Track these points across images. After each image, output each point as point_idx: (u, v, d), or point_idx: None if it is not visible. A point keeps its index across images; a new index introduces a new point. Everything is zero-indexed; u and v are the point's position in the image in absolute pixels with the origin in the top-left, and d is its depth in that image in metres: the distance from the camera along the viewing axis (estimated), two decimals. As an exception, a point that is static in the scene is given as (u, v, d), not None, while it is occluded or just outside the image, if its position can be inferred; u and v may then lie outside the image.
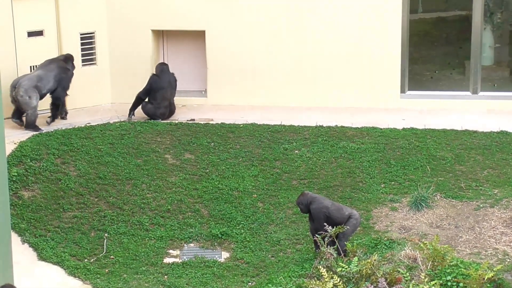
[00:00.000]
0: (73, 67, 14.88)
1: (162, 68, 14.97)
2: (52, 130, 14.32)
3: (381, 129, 14.58)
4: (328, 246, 10.32)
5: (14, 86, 14.38)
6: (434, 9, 16.12)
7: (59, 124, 14.64)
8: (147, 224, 12.56)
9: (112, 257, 11.92)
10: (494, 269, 9.54)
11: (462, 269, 9.62)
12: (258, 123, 14.85)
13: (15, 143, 13.69)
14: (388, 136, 14.36)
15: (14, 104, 14.43)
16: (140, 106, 14.98)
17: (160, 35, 16.08)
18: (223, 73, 15.67)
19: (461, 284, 9.42)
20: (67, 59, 14.80)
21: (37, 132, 14.19)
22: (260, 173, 13.56)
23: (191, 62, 16.10)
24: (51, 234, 12.21)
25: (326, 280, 9.22)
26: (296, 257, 11.72)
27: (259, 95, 15.67)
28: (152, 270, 11.60)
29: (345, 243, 10.55)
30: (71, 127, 14.52)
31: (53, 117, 14.76)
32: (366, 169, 13.55)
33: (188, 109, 15.62)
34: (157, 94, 14.82)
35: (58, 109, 14.80)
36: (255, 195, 13.12)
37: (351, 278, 9.46)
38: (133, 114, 14.98)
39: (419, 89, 15.71)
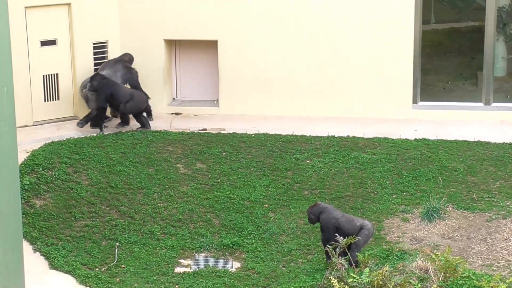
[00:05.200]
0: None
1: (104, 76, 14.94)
2: (64, 139, 14.37)
3: (393, 139, 14.56)
4: (340, 257, 10.30)
5: (85, 86, 14.92)
6: (446, 20, 16.11)
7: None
8: (158, 233, 12.57)
9: (123, 266, 11.93)
10: (507, 281, 9.49)
11: (474, 280, 9.58)
12: (270, 133, 14.86)
13: (27, 152, 13.73)
14: (400, 146, 14.34)
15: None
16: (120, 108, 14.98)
17: (173, 44, 16.12)
18: (235, 83, 15.70)
19: (473, 296, 9.39)
20: (130, 60, 15.33)
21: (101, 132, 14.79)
22: (272, 183, 13.55)
23: (203, 71, 16.13)
24: (62, 243, 12.22)
25: (337, 291, 9.19)
26: (307, 267, 11.70)
27: (271, 105, 15.68)
28: (163, 280, 11.59)
29: (357, 254, 10.52)
30: (83, 136, 14.56)
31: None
32: (377, 179, 13.53)
33: (200, 118, 15.64)
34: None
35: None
36: (267, 205, 13.12)
37: (362, 289, 9.43)
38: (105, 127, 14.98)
39: (432, 100, 15.68)
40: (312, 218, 11.40)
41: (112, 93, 14.65)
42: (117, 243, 12.34)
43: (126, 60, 15.30)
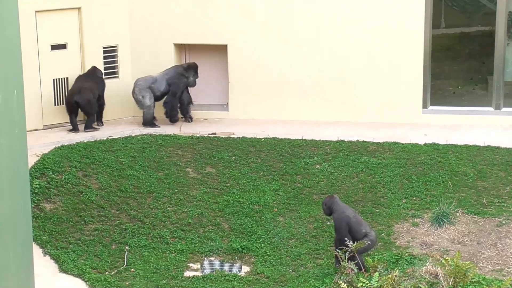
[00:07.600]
0: (195, 75, 15.35)
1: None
2: (74, 143, 14.40)
3: (403, 144, 14.54)
4: (349, 261, 10.28)
5: (137, 86, 15.29)
6: (457, 25, 16.08)
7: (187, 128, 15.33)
8: (167, 237, 12.58)
9: (132, 270, 11.94)
10: (517, 286, 9.46)
11: (484, 286, 9.54)
12: (280, 137, 14.86)
13: (37, 156, 13.76)
14: (410, 151, 14.32)
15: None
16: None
17: (183, 48, 16.14)
18: (245, 87, 15.71)
19: (483, 301, 9.36)
20: (189, 67, 15.34)
21: (155, 128, 15.11)
22: (281, 187, 13.54)
23: (213, 76, 16.14)
24: (72, 247, 12.24)
25: (347, 295, 9.17)
26: (317, 271, 11.69)
27: (280, 109, 15.68)
28: (172, 284, 11.60)
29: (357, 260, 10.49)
30: (93, 140, 14.58)
31: (170, 118, 15.40)
32: (387, 184, 13.51)
33: (209, 122, 15.66)
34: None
35: (167, 113, 15.37)
36: (276, 209, 13.11)
37: (372, 293, 9.40)
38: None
39: (442, 105, 15.66)
40: (324, 209, 11.50)
41: None
42: (126, 247, 12.35)
43: (184, 66, 15.32)
